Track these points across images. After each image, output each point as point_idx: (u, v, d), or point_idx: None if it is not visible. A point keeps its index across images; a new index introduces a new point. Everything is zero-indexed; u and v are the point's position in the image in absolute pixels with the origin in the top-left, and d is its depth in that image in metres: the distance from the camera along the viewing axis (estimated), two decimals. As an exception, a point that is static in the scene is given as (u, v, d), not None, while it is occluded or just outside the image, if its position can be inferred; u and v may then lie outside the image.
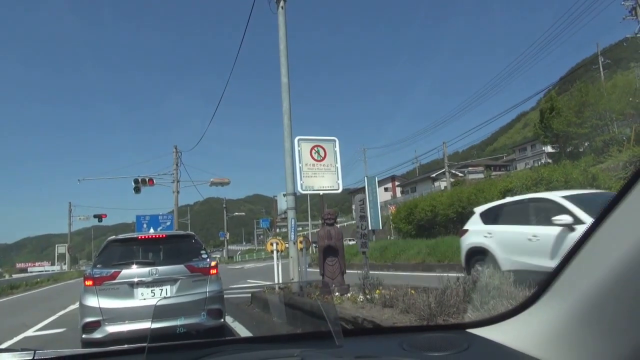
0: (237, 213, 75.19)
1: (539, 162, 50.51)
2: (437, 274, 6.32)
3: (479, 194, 16.93)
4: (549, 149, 34.81)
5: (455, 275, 5.22)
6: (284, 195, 9.83)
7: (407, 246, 17.95)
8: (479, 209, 8.78)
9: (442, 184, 50.80)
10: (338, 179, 9.36)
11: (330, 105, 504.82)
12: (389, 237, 33.60)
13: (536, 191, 13.13)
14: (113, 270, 5.86)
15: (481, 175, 51.82)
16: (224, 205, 63.39)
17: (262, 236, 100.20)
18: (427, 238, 18.81)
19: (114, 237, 6.64)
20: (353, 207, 57.15)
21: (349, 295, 7.11)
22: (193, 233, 7.17)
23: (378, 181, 30.19)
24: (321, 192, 9.28)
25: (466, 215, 18.06)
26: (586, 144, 28.83)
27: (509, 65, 64.46)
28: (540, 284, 1.32)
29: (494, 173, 54.08)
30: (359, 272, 8.32)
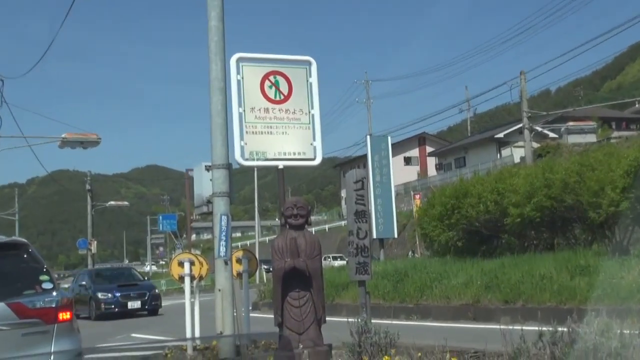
0: (113, 202, 74.58)
1: (703, 115, 51.39)
2: (501, 327, 6.44)
3: (588, 175, 17.10)
4: None
5: (536, 329, 5.31)
6: (208, 168, 9.80)
7: (445, 272, 18.16)
8: None
9: (517, 153, 51.36)
10: (314, 140, 9.38)
11: (304, 13, 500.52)
12: (411, 253, 33.94)
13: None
14: None
15: (593, 138, 52.50)
16: (88, 187, 62.84)
17: (162, 248, 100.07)
18: (485, 257, 19.01)
19: None
20: (343, 194, 56.66)
21: (330, 364, 7.18)
22: (25, 240, 7.19)
23: (392, 145, 30.41)
24: (281, 164, 9.29)
25: (560, 216, 18.23)
26: None
27: None
28: None
29: (616, 133, 54.84)
30: (350, 319, 8.40)
